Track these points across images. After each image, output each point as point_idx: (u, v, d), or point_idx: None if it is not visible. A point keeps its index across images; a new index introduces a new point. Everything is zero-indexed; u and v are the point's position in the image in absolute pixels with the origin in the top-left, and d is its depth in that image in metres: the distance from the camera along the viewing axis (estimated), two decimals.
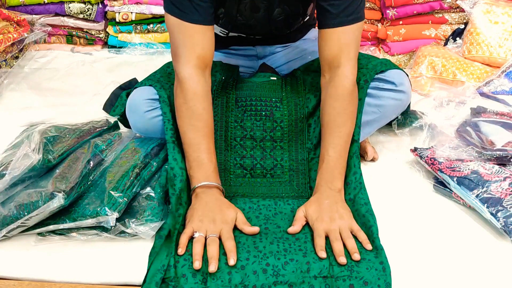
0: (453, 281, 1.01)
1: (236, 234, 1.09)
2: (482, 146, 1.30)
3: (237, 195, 1.21)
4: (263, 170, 1.25)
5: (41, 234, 1.09)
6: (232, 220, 1.07)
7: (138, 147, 1.23)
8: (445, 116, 1.49)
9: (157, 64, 1.76)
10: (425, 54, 1.77)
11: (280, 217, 1.15)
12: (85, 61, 1.96)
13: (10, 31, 1.77)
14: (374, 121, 1.31)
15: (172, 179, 1.13)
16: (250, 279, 0.98)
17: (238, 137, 1.28)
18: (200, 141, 1.14)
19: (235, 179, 1.24)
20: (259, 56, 1.48)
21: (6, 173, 1.10)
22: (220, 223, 1.05)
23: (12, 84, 1.76)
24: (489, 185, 1.17)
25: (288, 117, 1.30)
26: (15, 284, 1.00)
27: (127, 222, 1.07)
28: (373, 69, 1.27)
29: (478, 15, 1.77)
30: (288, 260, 1.01)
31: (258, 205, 1.18)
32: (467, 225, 1.16)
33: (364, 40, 1.95)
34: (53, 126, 1.32)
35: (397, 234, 1.12)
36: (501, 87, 1.70)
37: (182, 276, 0.98)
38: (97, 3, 1.99)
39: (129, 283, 1.01)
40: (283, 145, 1.28)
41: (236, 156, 1.26)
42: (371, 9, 1.89)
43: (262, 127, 1.29)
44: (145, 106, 1.24)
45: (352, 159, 1.20)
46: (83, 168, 1.14)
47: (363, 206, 1.13)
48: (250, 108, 1.31)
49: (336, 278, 0.98)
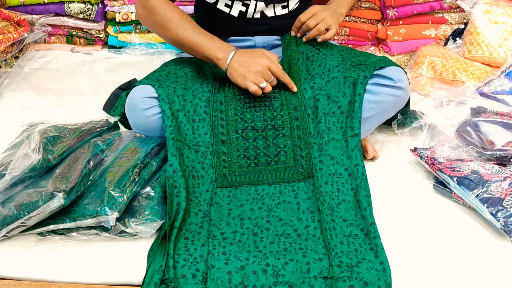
0: (453, 281, 1.01)
1: (237, 233, 1.09)
2: (482, 146, 1.30)
3: (243, 184, 1.22)
4: (267, 158, 1.26)
5: (41, 234, 1.09)
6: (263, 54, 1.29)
7: (138, 147, 1.23)
8: (445, 116, 1.48)
9: (157, 64, 1.77)
10: (425, 54, 1.77)
11: (283, 207, 1.16)
12: (85, 61, 1.95)
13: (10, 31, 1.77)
14: (373, 118, 1.32)
15: (172, 176, 1.13)
16: (250, 279, 0.98)
17: (240, 130, 1.29)
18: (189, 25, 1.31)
19: (240, 169, 1.25)
20: (257, 47, 1.49)
21: (6, 173, 1.10)
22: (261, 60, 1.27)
23: (12, 84, 1.76)
24: (489, 185, 1.17)
25: (287, 105, 1.32)
26: (15, 284, 1.00)
27: (127, 222, 1.08)
28: (372, 66, 1.28)
29: (478, 15, 1.77)
30: (288, 260, 1.01)
31: (262, 195, 1.19)
32: (467, 225, 1.16)
33: (364, 40, 1.94)
34: (53, 126, 1.32)
35: (397, 234, 1.12)
36: (501, 87, 1.70)
37: (182, 276, 0.98)
38: (97, 3, 1.99)
39: (129, 283, 1.01)
40: (285, 132, 1.29)
41: (239, 148, 1.27)
42: (371, 9, 1.89)
43: (263, 117, 1.30)
44: (144, 104, 1.25)
45: (354, 151, 1.21)
46: (83, 168, 1.14)
47: (365, 198, 1.14)
48: (249, 100, 1.32)
49: (337, 279, 0.98)
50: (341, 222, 1.12)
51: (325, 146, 1.25)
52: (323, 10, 1.37)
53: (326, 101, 1.30)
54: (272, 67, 1.28)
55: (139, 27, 2.03)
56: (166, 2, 1.31)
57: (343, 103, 1.28)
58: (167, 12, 1.30)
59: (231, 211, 1.15)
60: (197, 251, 1.03)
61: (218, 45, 1.30)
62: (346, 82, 1.29)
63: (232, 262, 1.01)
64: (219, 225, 1.11)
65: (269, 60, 1.28)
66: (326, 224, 1.09)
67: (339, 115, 1.28)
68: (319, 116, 1.29)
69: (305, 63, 1.38)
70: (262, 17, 1.44)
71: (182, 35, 1.30)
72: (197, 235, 1.08)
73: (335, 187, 1.19)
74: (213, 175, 1.23)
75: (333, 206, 1.15)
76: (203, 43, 1.30)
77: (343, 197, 1.17)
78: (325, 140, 1.26)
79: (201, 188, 1.20)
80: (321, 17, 1.36)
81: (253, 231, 1.10)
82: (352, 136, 1.23)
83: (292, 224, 1.11)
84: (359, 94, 1.25)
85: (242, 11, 1.43)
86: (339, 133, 1.26)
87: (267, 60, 1.28)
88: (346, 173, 1.20)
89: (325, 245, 1.04)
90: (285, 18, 1.46)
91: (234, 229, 1.11)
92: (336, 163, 1.23)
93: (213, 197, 1.19)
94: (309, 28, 1.37)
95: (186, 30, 1.30)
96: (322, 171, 1.22)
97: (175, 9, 1.32)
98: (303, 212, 1.14)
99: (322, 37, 1.37)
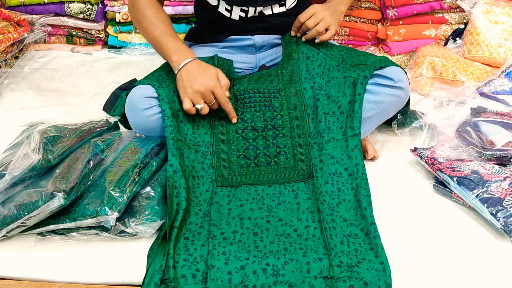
0: (453, 281, 1.01)
1: (237, 233, 1.09)
2: (482, 146, 1.30)
3: (242, 184, 1.22)
4: (267, 158, 1.26)
5: (41, 234, 1.09)
6: (214, 74, 1.23)
7: (138, 147, 1.23)
8: (445, 116, 1.48)
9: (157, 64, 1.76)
10: (425, 54, 1.77)
11: (283, 207, 1.16)
12: (85, 61, 1.96)
13: (10, 31, 1.77)
14: (373, 118, 1.32)
15: (172, 176, 1.13)
16: (250, 279, 0.98)
17: (240, 130, 1.29)
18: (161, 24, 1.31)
19: (239, 169, 1.25)
20: (256, 46, 1.49)
21: (6, 173, 1.10)
22: (207, 81, 1.21)
23: (12, 84, 1.76)
24: (489, 185, 1.17)
25: (287, 105, 1.32)
26: (15, 284, 1.00)
27: (127, 222, 1.08)
28: (372, 65, 1.28)
29: (478, 15, 1.77)
30: (288, 260, 1.01)
31: (262, 195, 1.19)
32: (467, 225, 1.16)
33: (364, 40, 1.94)
34: (53, 126, 1.32)
35: (397, 234, 1.12)
36: (501, 87, 1.70)
37: (182, 276, 0.98)
38: (97, 3, 1.99)
39: (129, 283, 1.01)
40: (285, 132, 1.29)
41: (239, 148, 1.27)
42: (371, 9, 1.89)
43: (262, 117, 1.30)
44: (143, 104, 1.25)
45: (354, 151, 1.21)
46: (83, 168, 1.14)
47: (365, 198, 1.14)
48: (249, 100, 1.32)
49: (337, 279, 0.98)
50: (341, 222, 1.12)
51: (325, 146, 1.25)
52: (323, 10, 1.37)
53: (326, 101, 1.30)
54: (217, 92, 1.22)
55: None
56: (150, 1, 1.34)
57: (343, 103, 1.28)
58: (145, 9, 1.33)
59: (231, 211, 1.15)
60: (197, 251, 1.03)
61: (177, 48, 1.28)
62: (346, 82, 1.29)
63: (232, 262, 1.01)
64: (219, 225, 1.11)
65: (215, 84, 1.22)
66: (326, 224, 1.09)
67: (339, 115, 1.28)
68: (319, 116, 1.29)
69: (305, 62, 1.38)
70: (260, 16, 1.45)
71: (150, 32, 1.32)
72: (197, 235, 1.08)
73: (335, 187, 1.19)
74: (213, 175, 1.23)
75: (333, 205, 1.15)
76: (165, 43, 1.29)
77: (344, 196, 1.17)
78: (325, 139, 1.26)
79: (201, 188, 1.20)
80: (321, 17, 1.36)
81: (253, 231, 1.10)
82: (352, 136, 1.23)
83: (292, 224, 1.11)
84: (359, 94, 1.25)
85: (242, 16, 1.43)
86: (339, 133, 1.26)
87: (213, 83, 1.22)
88: (346, 173, 1.20)
89: (325, 245, 1.04)
90: (283, 16, 1.46)
91: (234, 229, 1.11)
92: (336, 163, 1.23)
93: (213, 196, 1.19)
94: (308, 28, 1.37)
95: (156, 28, 1.31)
96: (322, 171, 1.22)
97: (154, 8, 1.34)
98: (303, 212, 1.14)
99: (320, 38, 1.37)
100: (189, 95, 1.22)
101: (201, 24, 1.56)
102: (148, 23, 1.32)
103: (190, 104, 1.22)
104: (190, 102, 1.22)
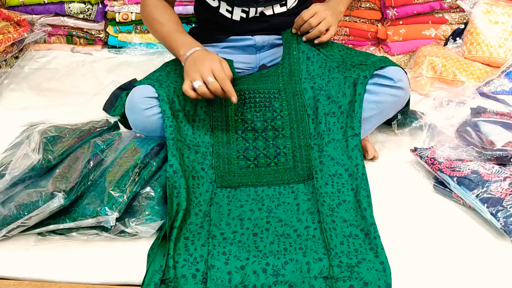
0: (453, 281, 1.01)
1: (237, 233, 1.09)
2: (482, 146, 1.30)
3: (242, 185, 1.22)
4: (266, 159, 1.26)
5: (41, 234, 1.09)
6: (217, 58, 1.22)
7: (138, 147, 1.23)
8: (445, 116, 1.48)
9: (157, 64, 1.77)
10: (425, 54, 1.77)
11: (282, 208, 1.16)
12: (85, 61, 1.96)
13: (10, 31, 1.77)
14: (373, 118, 1.32)
15: (172, 176, 1.13)
16: (250, 279, 0.98)
17: (240, 130, 1.29)
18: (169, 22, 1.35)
19: (239, 170, 1.25)
20: (257, 46, 1.49)
21: (6, 173, 1.10)
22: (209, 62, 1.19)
23: (12, 84, 1.76)
24: (489, 185, 1.17)
25: (287, 106, 1.32)
26: (15, 284, 1.00)
27: (127, 222, 1.08)
28: (372, 65, 1.28)
29: (478, 15, 1.77)
30: (288, 259, 1.01)
31: (262, 196, 1.19)
32: (467, 225, 1.16)
33: (364, 40, 1.94)
34: (53, 126, 1.32)
35: (397, 234, 1.12)
36: (501, 87, 1.70)
37: (182, 276, 0.98)
38: (97, 3, 1.99)
39: (129, 283, 1.01)
40: (285, 133, 1.29)
41: (239, 149, 1.27)
42: (371, 9, 1.89)
43: (262, 118, 1.30)
44: (144, 104, 1.25)
45: (354, 151, 1.21)
46: (83, 168, 1.14)
47: (365, 198, 1.14)
48: (249, 100, 1.32)
49: (337, 279, 0.98)
50: (341, 222, 1.12)
51: (325, 147, 1.25)
52: (324, 9, 1.37)
53: (326, 101, 1.30)
54: (215, 69, 1.19)
55: (139, 27, 2.03)
56: (158, 2, 1.40)
57: (343, 103, 1.28)
58: (153, 10, 1.38)
59: (231, 212, 1.15)
60: (197, 251, 1.03)
61: (184, 42, 1.30)
62: (346, 82, 1.29)
63: (232, 262, 1.01)
64: (219, 225, 1.11)
65: (216, 63, 1.21)
66: (326, 225, 1.09)
67: (339, 115, 1.28)
68: (319, 116, 1.29)
69: (305, 63, 1.38)
70: (261, 16, 1.45)
71: (160, 32, 1.36)
72: (197, 235, 1.08)
73: (335, 188, 1.19)
74: (213, 176, 1.23)
75: (333, 206, 1.15)
76: (174, 39, 1.32)
77: (344, 197, 1.17)
78: (325, 141, 1.26)
79: (201, 189, 1.20)
80: (323, 16, 1.36)
81: (253, 231, 1.10)
82: (352, 136, 1.23)
83: (292, 225, 1.11)
84: (359, 94, 1.25)
85: (243, 16, 1.43)
86: (339, 133, 1.26)
87: (214, 63, 1.21)
88: (347, 174, 1.20)
89: (325, 245, 1.04)
90: (284, 16, 1.46)
91: (234, 229, 1.11)
92: (336, 164, 1.23)
93: (213, 197, 1.19)
94: (311, 26, 1.37)
95: (164, 27, 1.35)
96: (322, 172, 1.22)
97: (162, 9, 1.39)
98: (303, 213, 1.14)
99: (320, 39, 1.37)
100: (189, 76, 1.21)
101: (201, 24, 1.56)
102: (156, 23, 1.37)
103: (189, 86, 1.20)
104: (190, 83, 1.20)
